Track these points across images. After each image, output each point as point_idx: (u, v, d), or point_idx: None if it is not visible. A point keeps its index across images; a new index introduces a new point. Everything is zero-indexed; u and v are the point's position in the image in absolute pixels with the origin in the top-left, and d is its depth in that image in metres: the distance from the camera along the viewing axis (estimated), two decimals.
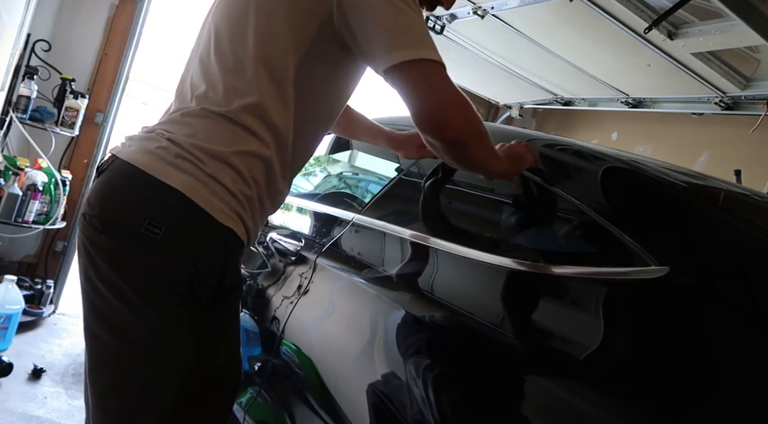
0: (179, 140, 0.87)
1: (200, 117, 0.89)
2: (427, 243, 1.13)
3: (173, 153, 0.86)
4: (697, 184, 1.03)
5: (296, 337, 1.28)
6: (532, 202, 1.09)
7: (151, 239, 0.82)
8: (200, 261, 0.86)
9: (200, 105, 0.90)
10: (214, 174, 0.86)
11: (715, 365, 0.67)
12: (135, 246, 0.83)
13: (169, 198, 0.83)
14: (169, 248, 0.84)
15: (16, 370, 2.14)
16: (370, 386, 1.00)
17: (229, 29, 0.93)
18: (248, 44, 0.89)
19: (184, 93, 0.95)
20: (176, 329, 0.86)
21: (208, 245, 0.87)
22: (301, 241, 1.46)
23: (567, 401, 0.73)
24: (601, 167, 1.01)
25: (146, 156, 0.87)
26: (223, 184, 0.86)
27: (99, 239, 0.85)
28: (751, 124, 2.52)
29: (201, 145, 0.86)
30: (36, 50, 2.69)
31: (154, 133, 0.91)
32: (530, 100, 3.89)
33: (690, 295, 0.74)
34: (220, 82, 0.90)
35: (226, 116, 0.88)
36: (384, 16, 0.83)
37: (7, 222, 2.52)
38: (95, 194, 0.89)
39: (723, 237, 0.82)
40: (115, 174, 0.89)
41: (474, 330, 0.91)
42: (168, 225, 0.83)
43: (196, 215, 0.84)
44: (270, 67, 0.89)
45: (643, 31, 2.17)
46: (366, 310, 1.14)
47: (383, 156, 1.70)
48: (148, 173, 0.85)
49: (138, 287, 0.84)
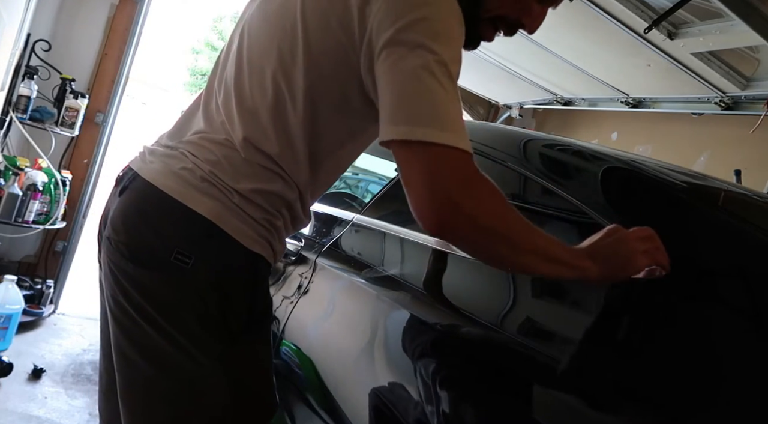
0: (202, 166, 0.83)
1: (223, 147, 0.85)
2: (427, 243, 1.13)
3: (199, 176, 0.83)
4: (697, 184, 1.03)
5: (296, 337, 1.28)
6: (532, 202, 1.09)
7: (182, 269, 0.80)
8: (231, 289, 0.85)
9: (223, 135, 0.86)
10: (239, 204, 0.83)
11: (716, 365, 0.67)
12: (166, 276, 0.81)
13: (198, 225, 0.81)
14: (199, 278, 0.82)
15: (16, 370, 2.14)
16: (370, 386, 1.00)
17: (253, 64, 0.87)
18: (267, 90, 0.84)
19: (210, 116, 0.89)
20: (209, 357, 0.84)
21: (238, 273, 0.85)
22: (301, 241, 1.46)
23: (567, 401, 0.73)
24: (601, 167, 1.01)
25: (171, 178, 0.83)
26: (248, 213, 0.84)
27: (128, 267, 0.83)
28: (751, 124, 2.51)
29: (223, 177, 0.83)
30: (36, 50, 2.69)
31: (177, 152, 0.87)
32: (530, 100, 3.89)
33: (690, 295, 0.74)
34: (237, 120, 0.85)
35: (244, 157, 0.84)
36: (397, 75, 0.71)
37: (7, 222, 2.52)
38: (120, 218, 0.85)
39: (723, 237, 0.82)
40: (139, 197, 0.86)
41: (474, 330, 0.91)
42: (198, 254, 0.81)
43: (226, 243, 0.82)
44: (284, 122, 0.83)
45: (643, 31, 2.16)
46: (366, 310, 1.14)
47: (383, 156, 1.70)
48: (174, 199, 0.82)
49: (170, 317, 0.82)
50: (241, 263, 0.85)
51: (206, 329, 0.84)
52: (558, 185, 1.01)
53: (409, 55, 0.70)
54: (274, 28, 0.85)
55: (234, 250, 0.83)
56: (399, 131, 0.70)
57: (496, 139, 1.25)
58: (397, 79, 0.71)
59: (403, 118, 0.70)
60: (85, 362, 2.49)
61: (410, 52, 0.70)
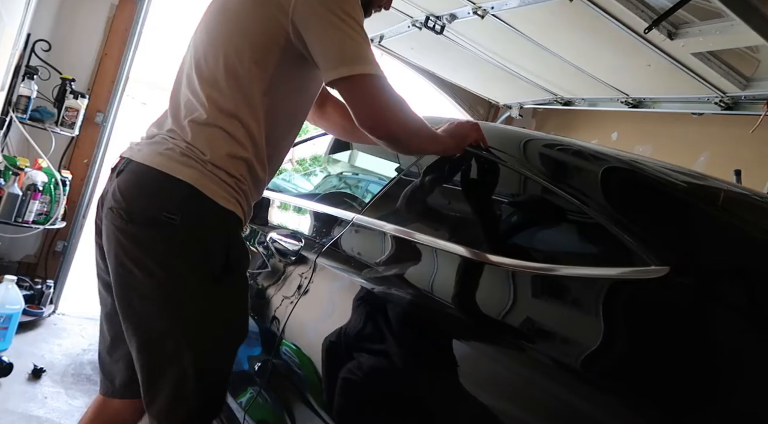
0: (180, 144, 1.05)
1: (193, 126, 1.06)
2: (427, 243, 1.13)
3: (179, 153, 1.04)
4: (697, 184, 1.03)
5: (296, 337, 1.28)
6: (533, 202, 1.09)
7: (170, 225, 1.01)
8: (210, 238, 1.05)
9: (190, 116, 1.07)
10: (213, 171, 1.04)
11: (716, 365, 0.67)
12: (157, 232, 1.02)
13: (182, 190, 1.02)
14: (184, 231, 1.02)
15: (16, 370, 2.14)
16: (370, 386, 1.00)
17: (205, 48, 1.11)
18: (219, 61, 1.07)
19: (177, 106, 1.11)
20: (193, 294, 1.05)
21: (215, 225, 1.06)
22: (301, 241, 1.46)
23: (568, 401, 0.73)
24: (601, 167, 1.01)
25: (158, 157, 1.04)
26: (221, 178, 1.05)
27: (128, 227, 1.03)
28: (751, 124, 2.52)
29: (198, 150, 1.04)
30: (36, 50, 2.69)
31: (160, 138, 1.08)
32: (530, 100, 3.89)
33: (690, 295, 0.74)
34: (202, 94, 1.07)
35: (212, 124, 1.06)
36: (328, 38, 1.02)
37: (7, 222, 2.52)
38: (119, 191, 1.05)
39: (723, 237, 0.82)
40: (134, 174, 1.06)
41: (474, 330, 0.91)
42: (182, 212, 1.01)
43: (204, 202, 1.03)
44: (239, 81, 1.06)
45: (643, 31, 2.16)
46: (366, 310, 1.14)
47: (383, 156, 1.70)
48: (162, 171, 1.02)
49: (162, 263, 1.02)
50: (217, 218, 1.06)
51: (192, 271, 1.04)
52: (558, 185, 1.01)
53: (331, 18, 1.00)
54: (223, 15, 1.11)
55: (211, 207, 1.04)
56: (340, 72, 1.01)
57: (496, 139, 1.25)
58: (327, 36, 1.01)
59: (340, 62, 1.01)
60: (85, 362, 2.49)
61: (331, 16, 1.00)
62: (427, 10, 2.85)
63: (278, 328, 1.34)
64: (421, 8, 2.85)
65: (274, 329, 1.37)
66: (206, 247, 1.05)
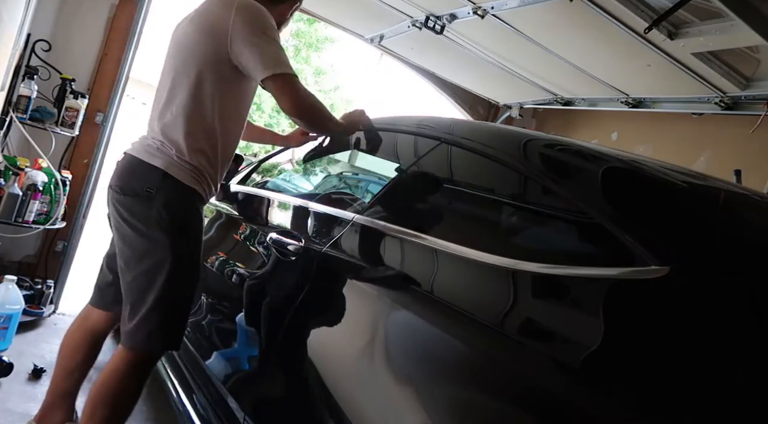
0: (157, 142, 1.49)
1: (164, 129, 1.49)
2: (427, 243, 1.13)
3: (156, 148, 1.49)
4: (697, 185, 1.04)
5: (296, 337, 1.28)
6: (533, 202, 1.09)
7: (149, 196, 1.45)
8: (177, 207, 1.47)
9: (162, 122, 1.50)
10: (179, 160, 1.47)
11: (716, 365, 0.67)
12: (140, 200, 1.46)
13: (158, 173, 1.46)
14: (159, 200, 1.45)
15: (16, 370, 2.14)
16: (371, 387, 1.00)
17: (170, 71, 1.53)
18: (182, 80, 1.49)
19: (154, 114, 1.55)
20: (164, 244, 1.45)
21: (180, 198, 1.48)
22: (301, 241, 1.46)
23: (568, 401, 0.74)
24: (601, 167, 1.01)
25: (142, 151, 1.50)
26: (185, 166, 1.47)
27: (120, 198, 1.48)
28: (751, 124, 2.52)
29: (168, 146, 1.48)
30: (36, 50, 2.69)
31: (147, 138, 1.53)
32: (530, 100, 3.89)
33: (690, 295, 0.74)
34: (171, 105, 1.50)
35: (178, 127, 1.48)
36: (254, 48, 1.44)
37: (7, 222, 2.52)
38: (118, 174, 1.52)
39: (723, 237, 0.82)
40: (127, 162, 1.52)
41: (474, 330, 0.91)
42: (157, 188, 1.45)
43: (174, 182, 1.46)
44: (197, 94, 1.48)
45: (643, 31, 2.17)
46: (366, 310, 1.14)
47: (383, 156, 1.70)
48: (144, 160, 1.48)
49: (143, 222, 1.45)
50: (182, 192, 1.48)
51: (166, 228, 1.45)
52: (558, 185, 1.01)
53: (253, 38, 1.44)
54: (181, 45, 1.53)
55: (178, 185, 1.47)
56: (267, 72, 1.44)
57: (496, 139, 1.25)
58: (254, 50, 1.44)
59: (266, 66, 1.44)
60: None
61: (253, 36, 1.44)
62: (427, 10, 2.85)
63: (278, 328, 1.34)
64: (421, 8, 2.85)
65: (274, 329, 1.37)
66: (173, 210, 1.46)
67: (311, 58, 11.67)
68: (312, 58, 11.69)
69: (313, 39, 11.51)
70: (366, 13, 3.19)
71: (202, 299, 1.89)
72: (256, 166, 2.39)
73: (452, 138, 1.36)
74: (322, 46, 11.62)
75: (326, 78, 11.89)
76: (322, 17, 3.67)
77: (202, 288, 1.93)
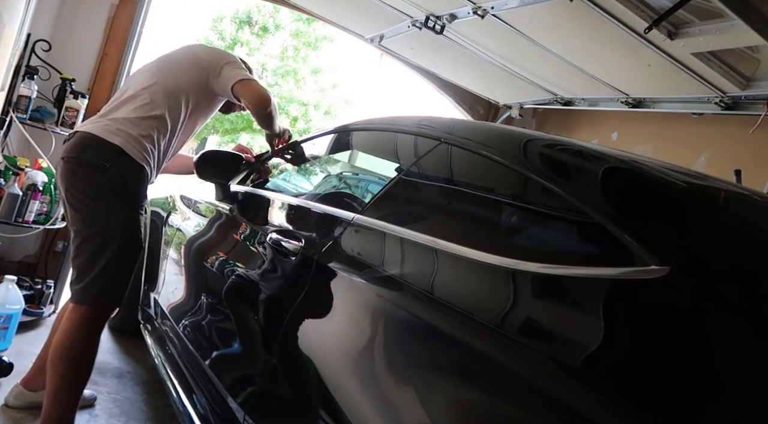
0: (114, 123, 1.77)
1: (127, 115, 1.80)
2: (427, 243, 1.13)
3: (115, 129, 1.76)
4: (697, 184, 1.03)
5: (296, 337, 1.28)
6: (533, 202, 1.09)
7: (104, 167, 1.72)
8: (127, 179, 1.76)
9: (126, 109, 1.81)
10: (132, 140, 1.76)
11: (716, 366, 0.67)
12: (95, 170, 1.72)
13: (114, 149, 1.73)
14: (111, 172, 1.72)
15: (16, 370, 2.14)
16: (371, 387, 1.00)
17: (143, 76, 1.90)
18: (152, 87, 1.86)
19: (118, 102, 1.85)
20: (114, 210, 1.73)
21: (131, 172, 1.77)
22: (301, 241, 1.46)
23: (568, 401, 0.73)
24: (601, 167, 1.01)
25: (101, 130, 1.76)
26: (136, 146, 1.76)
27: (78, 169, 1.73)
28: (751, 124, 2.52)
29: (124, 129, 1.76)
30: (36, 50, 2.70)
31: (104, 120, 1.80)
32: (530, 100, 3.89)
33: (690, 295, 0.74)
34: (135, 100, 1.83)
35: (136, 116, 1.80)
36: (227, 73, 1.88)
37: (7, 222, 2.52)
38: (73, 147, 1.75)
39: (723, 237, 0.82)
40: (82, 138, 1.76)
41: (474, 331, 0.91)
42: (111, 161, 1.72)
43: (127, 158, 1.75)
44: (174, 97, 1.86)
45: (643, 31, 2.17)
46: (366, 310, 1.14)
47: (383, 156, 1.70)
48: (102, 137, 1.74)
49: (96, 189, 1.72)
50: (133, 168, 1.77)
51: (116, 196, 1.73)
52: (558, 185, 1.01)
53: (227, 67, 1.89)
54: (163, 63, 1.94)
55: (130, 161, 1.75)
56: (236, 79, 1.85)
57: (496, 139, 1.25)
58: (230, 73, 1.87)
59: (234, 77, 1.86)
60: None
61: (227, 66, 1.90)
62: (427, 10, 2.86)
63: (278, 328, 1.34)
64: (421, 8, 2.85)
65: (274, 329, 1.37)
66: (123, 181, 1.73)
67: (309, 57, 11.70)
68: (310, 57, 11.72)
69: (312, 38, 11.54)
70: (366, 13, 3.20)
71: (202, 298, 1.89)
72: (256, 166, 2.39)
73: (452, 138, 1.36)
74: (320, 45, 11.66)
75: (324, 76, 11.92)
76: (323, 17, 3.68)
77: (202, 288, 1.93)
